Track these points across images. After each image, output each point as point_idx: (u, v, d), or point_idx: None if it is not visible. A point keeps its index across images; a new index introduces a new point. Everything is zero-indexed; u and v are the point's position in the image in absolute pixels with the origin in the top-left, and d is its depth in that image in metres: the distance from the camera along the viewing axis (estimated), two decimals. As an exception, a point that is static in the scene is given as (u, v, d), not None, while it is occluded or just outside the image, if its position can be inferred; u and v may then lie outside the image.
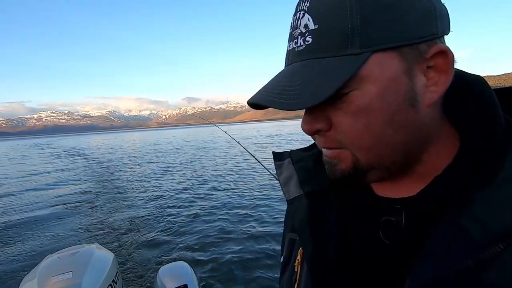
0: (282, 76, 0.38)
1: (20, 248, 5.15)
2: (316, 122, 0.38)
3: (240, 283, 3.70)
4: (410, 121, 0.36)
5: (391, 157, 0.38)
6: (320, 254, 0.46)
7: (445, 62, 0.35)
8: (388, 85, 0.34)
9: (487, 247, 0.31)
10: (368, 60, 0.33)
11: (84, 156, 24.16)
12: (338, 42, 0.34)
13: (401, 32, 0.33)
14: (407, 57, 0.34)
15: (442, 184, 0.38)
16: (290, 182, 0.54)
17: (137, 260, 4.41)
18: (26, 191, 10.42)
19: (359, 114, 0.35)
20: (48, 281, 1.86)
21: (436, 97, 0.36)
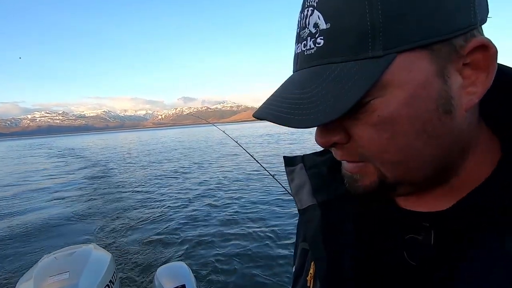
0: (291, 85, 0.33)
1: (16, 249, 5.12)
2: (333, 135, 0.33)
3: (238, 284, 3.69)
4: (445, 130, 0.31)
5: (422, 171, 0.33)
6: (334, 270, 0.41)
7: (485, 57, 0.29)
8: (417, 90, 0.29)
9: None
10: (393, 63, 0.28)
11: (80, 156, 24.01)
12: (355, 43, 0.29)
13: (432, 27, 0.28)
14: (440, 55, 0.29)
15: (480, 198, 0.32)
16: (302, 190, 0.49)
17: (135, 261, 4.39)
18: (22, 192, 10.34)
19: (382, 125, 0.30)
20: (45, 281, 1.84)
21: (475, 99, 0.30)
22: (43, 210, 7.62)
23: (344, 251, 0.41)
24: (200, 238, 5.08)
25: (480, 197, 0.32)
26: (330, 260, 0.41)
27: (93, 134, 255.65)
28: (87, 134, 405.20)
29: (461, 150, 0.33)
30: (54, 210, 7.51)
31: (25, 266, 4.22)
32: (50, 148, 37.75)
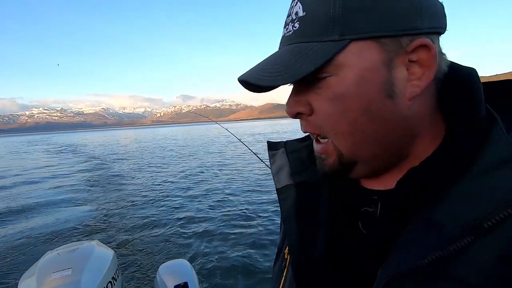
0: (269, 58, 0.40)
1: (19, 245, 5.14)
2: (298, 106, 0.40)
3: (240, 281, 3.70)
4: (387, 112, 0.36)
5: (370, 148, 0.39)
6: (304, 243, 0.47)
7: (428, 57, 0.35)
8: (364, 74, 0.35)
9: (457, 240, 0.31)
10: (347, 48, 0.35)
11: (81, 152, 24.05)
12: (320, 28, 0.35)
13: (383, 24, 0.34)
14: (387, 48, 0.35)
15: (416, 176, 0.37)
16: (281, 172, 0.55)
17: (137, 258, 4.40)
18: (24, 188, 10.38)
19: (335, 100, 0.37)
20: (47, 277, 1.84)
21: (418, 91, 0.36)
22: (45, 206, 7.64)
23: (315, 227, 0.47)
24: (203, 236, 5.09)
25: (415, 176, 0.38)
26: (300, 234, 0.47)
27: (92, 131, 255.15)
28: (86, 131, 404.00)
29: (409, 135, 0.38)
30: (56, 207, 7.53)
31: (27, 262, 4.19)
32: (49, 145, 37.84)
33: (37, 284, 1.79)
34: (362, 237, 0.42)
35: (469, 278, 0.30)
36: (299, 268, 0.46)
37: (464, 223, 0.31)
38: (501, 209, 0.30)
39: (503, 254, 0.29)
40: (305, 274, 0.45)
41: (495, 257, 0.29)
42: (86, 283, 1.84)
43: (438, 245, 0.32)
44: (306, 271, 0.45)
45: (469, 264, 0.30)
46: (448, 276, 0.31)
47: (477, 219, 0.30)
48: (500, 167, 0.32)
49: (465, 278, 0.30)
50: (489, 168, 0.33)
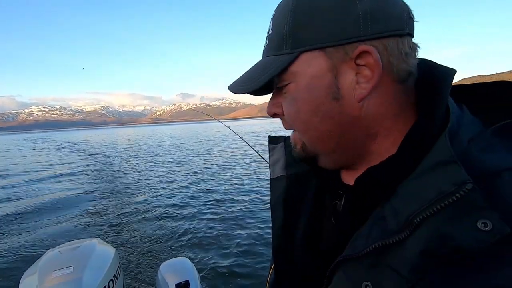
0: (250, 69, 0.48)
1: (21, 243, 5.15)
2: (274, 107, 0.48)
3: (242, 279, 3.70)
4: (336, 113, 0.41)
5: (327, 144, 0.44)
6: (287, 228, 0.52)
7: (370, 61, 0.38)
8: (312, 80, 0.41)
9: (396, 233, 0.34)
10: (298, 59, 0.41)
11: (82, 150, 24.06)
12: (278, 44, 0.42)
13: (325, 36, 0.38)
14: (332, 56, 0.39)
15: (372, 175, 0.41)
16: (277, 164, 0.60)
17: (139, 256, 4.41)
18: (26, 186, 10.38)
19: (291, 102, 0.44)
20: (49, 275, 1.84)
21: (365, 93, 0.39)
22: (48, 204, 7.65)
23: (299, 215, 0.52)
24: (205, 234, 5.09)
25: (371, 174, 0.41)
26: (286, 219, 0.53)
27: (91, 129, 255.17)
28: (85, 129, 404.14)
29: (364, 134, 0.42)
30: (57, 204, 7.54)
31: (29, 260, 4.19)
32: (49, 142, 37.68)
33: (38, 282, 1.78)
34: (332, 227, 0.48)
35: (401, 269, 0.33)
36: (277, 250, 0.52)
37: (401, 219, 0.34)
38: (427, 207, 0.32)
39: (424, 248, 0.32)
40: (281, 255, 0.51)
41: (419, 251, 0.32)
42: (87, 281, 1.84)
43: (380, 237, 0.35)
44: (283, 253, 0.51)
45: (402, 257, 0.33)
46: (386, 265, 0.35)
47: (410, 215, 0.33)
48: (435, 168, 0.34)
49: (398, 269, 0.33)
50: (427, 169, 0.35)
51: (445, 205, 0.31)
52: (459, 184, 0.31)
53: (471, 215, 0.30)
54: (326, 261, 0.44)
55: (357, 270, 0.37)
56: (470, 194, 0.30)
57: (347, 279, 0.38)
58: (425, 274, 0.32)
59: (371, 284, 0.35)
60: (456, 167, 0.32)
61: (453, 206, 0.31)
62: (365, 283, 0.35)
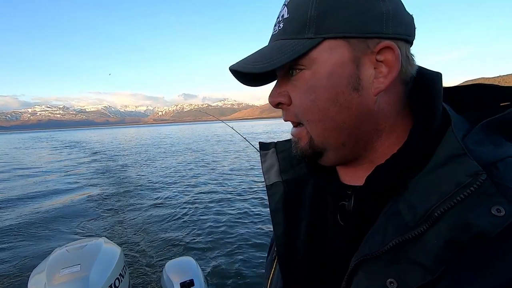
0: (256, 52, 0.46)
1: (29, 242, 5.24)
2: (278, 96, 0.45)
3: (246, 279, 3.73)
4: (354, 103, 0.41)
5: (338, 136, 0.43)
6: (289, 235, 0.51)
7: (392, 58, 0.39)
8: (335, 68, 0.40)
9: (414, 228, 0.35)
10: (320, 45, 0.40)
11: (88, 149, 24.21)
12: (299, 28, 0.41)
13: (352, 26, 0.39)
14: (355, 48, 0.40)
15: (381, 173, 0.41)
16: (271, 170, 0.59)
17: (144, 255, 4.46)
18: (33, 185, 10.50)
19: (308, 90, 0.42)
20: (57, 273, 1.87)
21: (382, 87, 0.40)
22: (55, 204, 7.75)
23: (299, 220, 0.51)
24: (209, 234, 5.13)
25: (381, 173, 0.41)
26: (287, 225, 0.52)
27: (94, 129, 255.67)
28: (88, 129, 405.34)
29: (374, 129, 0.43)
30: (64, 204, 7.64)
31: (37, 258, 4.28)
32: (55, 141, 37.78)
33: (47, 280, 1.82)
34: (340, 229, 0.46)
35: (424, 261, 0.34)
36: (283, 257, 0.50)
37: (418, 213, 0.35)
38: (447, 200, 0.34)
39: (447, 240, 0.33)
40: (288, 262, 0.50)
41: (441, 242, 0.33)
42: (94, 279, 1.87)
43: (398, 233, 0.36)
44: (290, 260, 0.49)
45: (423, 249, 0.34)
46: (407, 259, 0.35)
47: (429, 209, 0.34)
48: (448, 161, 0.36)
49: (420, 261, 0.34)
50: (440, 163, 0.36)
51: (464, 196, 0.33)
52: (473, 175, 0.33)
53: (486, 202, 0.32)
54: (337, 263, 0.43)
55: (377, 268, 0.37)
56: (485, 183, 0.33)
57: (369, 278, 0.37)
58: (448, 262, 0.33)
59: (395, 280, 0.35)
60: (467, 159, 0.34)
61: (471, 196, 0.33)
62: (390, 280, 0.35)
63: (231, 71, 0.46)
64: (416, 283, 0.34)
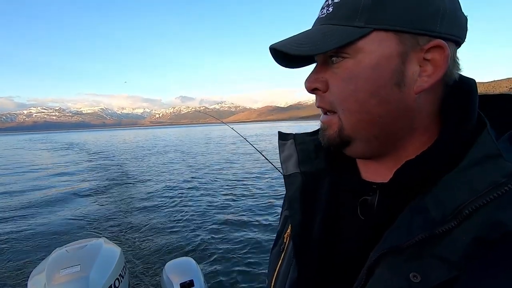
0: (301, 34, 0.44)
1: (29, 242, 5.23)
2: (316, 82, 0.44)
3: (246, 280, 3.72)
4: (393, 99, 0.40)
5: (372, 129, 0.42)
6: (305, 226, 0.51)
7: (441, 57, 0.39)
8: (380, 60, 0.39)
9: (442, 224, 0.35)
10: (369, 35, 0.39)
11: (85, 150, 24.16)
12: (349, 15, 0.40)
13: (404, 21, 0.38)
14: (405, 42, 0.39)
15: (412, 168, 0.41)
16: (289, 160, 0.59)
17: (144, 255, 4.46)
18: (32, 186, 10.50)
19: (349, 79, 0.41)
20: (56, 273, 1.87)
21: (425, 86, 0.40)
22: (55, 204, 7.74)
23: (316, 212, 0.51)
24: (210, 235, 5.13)
25: (411, 168, 0.41)
26: (303, 216, 0.51)
27: (91, 131, 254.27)
28: (84, 131, 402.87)
29: (409, 126, 0.42)
30: (64, 204, 7.63)
31: (37, 259, 4.32)
32: (52, 143, 37.79)
33: (46, 280, 1.81)
34: (360, 223, 0.46)
35: (450, 257, 0.34)
36: (299, 247, 0.50)
37: (447, 209, 0.35)
38: (478, 199, 0.34)
39: (476, 237, 0.33)
40: (304, 253, 0.49)
41: (471, 239, 0.33)
42: (94, 280, 1.86)
43: (425, 228, 0.35)
44: (305, 251, 0.49)
45: (451, 245, 0.34)
46: (432, 254, 0.35)
47: (458, 206, 0.35)
48: (483, 161, 0.36)
49: (446, 256, 0.34)
50: (474, 162, 0.37)
51: (498, 195, 0.33)
52: (509, 176, 0.34)
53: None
54: (354, 257, 0.43)
55: (401, 261, 0.37)
56: None
57: (391, 271, 0.37)
58: (474, 259, 0.33)
59: (418, 274, 0.35)
60: (502, 160, 0.35)
61: (505, 195, 0.33)
62: (413, 273, 0.35)
63: (272, 50, 0.45)
64: (440, 278, 0.34)
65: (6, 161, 19.45)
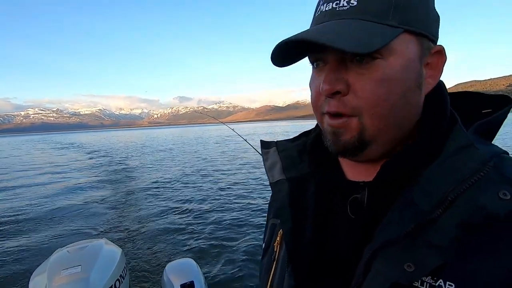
0: (328, 27, 0.39)
1: (31, 242, 5.24)
2: (338, 84, 0.40)
3: (246, 281, 3.73)
4: (414, 101, 0.42)
5: (394, 131, 0.42)
6: (297, 231, 0.51)
7: (439, 61, 0.43)
8: (409, 63, 0.40)
9: (429, 213, 0.36)
10: (399, 36, 0.38)
11: (89, 151, 24.17)
12: (381, 10, 0.38)
13: (425, 24, 0.40)
14: (422, 46, 0.40)
15: (395, 163, 0.43)
16: (274, 168, 0.59)
17: (145, 256, 4.47)
18: (33, 187, 10.50)
19: (383, 81, 0.39)
20: (57, 274, 1.87)
21: (430, 88, 0.43)
22: (56, 205, 7.75)
23: (305, 217, 0.51)
24: (210, 236, 5.13)
25: (390, 166, 0.43)
26: (294, 222, 0.51)
27: (90, 132, 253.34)
28: (82, 131, 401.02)
29: (413, 126, 0.44)
30: (66, 205, 7.63)
31: (39, 259, 4.28)
32: (53, 144, 37.61)
33: (47, 281, 1.82)
34: (351, 222, 0.46)
35: (440, 242, 0.35)
36: (293, 254, 0.50)
37: (434, 198, 0.37)
38: (459, 186, 0.36)
39: (461, 221, 0.35)
40: (298, 259, 0.49)
41: (457, 224, 0.35)
42: (94, 280, 1.87)
43: (414, 219, 0.37)
44: (299, 257, 0.49)
45: (439, 232, 0.36)
46: (423, 243, 0.36)
47: (444, 194, 0.37)
48: (459, 152, 0.39)
49: (436, 243, 0.36)
50: (452, 153, 0.39)
51: (475, 180, 0.36)
52: (482, 162, 0.37)
53: (494, 187, 0.35)
54: (347, 255, 0.44)
55: (394, 254, 0.38)
56: (491, 170, 0.36)
57: (386, 264, 0.38)
58: (463, 242, 0.35)
59: (412, 264, 0.36)
60: (475, 149, 0.38)
61: (481, 180, 0.36)
62: (407, 264, 0.36)
63: (290, 42, 0.39)
64: (432, 265, 0.35)
65: (6, 162, 19.38)
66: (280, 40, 0.40)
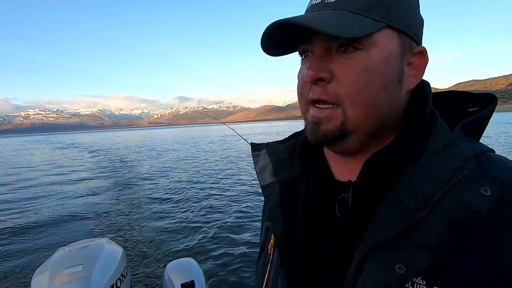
0: (315, 14, 0.42)
1: (33, 242, 5.27)
2: (322, 71, 0.42)
3: (246, 280, 3.73)
4: (396, 95, 0.43)
5: (375, 122, 0.43)
6: (289, 233, 0.51)
7: (421, 62, 0.44)
8: (390, 57, 0.41)
9: (416, 212, 0.37)
10: (382, 30, 0.41)
11: (91, 151, 24.20)
12: (366, 5, 0.41)
13: (406, 23, 0.42)
14: (404, 43, 0.43)
15: (377, 160, 0.44)
16: (265, 171, 0.59)
17: (146, 256, 4.48)
18: (35, 187, 10.56)
19: (364, 72, 0.41)
20: (59, 273, 1.88)
21: (412, 86, 0.45)
22: (58, 204, 7.79)
23: (297, 219, 0.52)
24: (211, 236, 5.14)
25: (378, 157, 0.44)
26: (286, 225, 0.52)
27: (90, 132, 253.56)
28: (83, 132, 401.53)
29: (393, 122, 0.45)
30: (68, 205, 7.68)
31: (40, 258, 4.36)
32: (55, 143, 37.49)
33: (49, 280, 1.83)
34: (339, 221, 0.47)
35: (429, 242, 0.36)
36: (286, 256, 0.50)
37: (420, 198, 0.38)
38: (445, 184, 0.37)
39: (449, 220, 0.36)
40: (291, 261, 0.50)
41: (444, 223, 0.36)
42: (96, 279, 1.88)
43: (402, 219, 0.37)
44: (292, 259, 0.50)
45: (427, 232, 0.36)
46: (412, 243, 0.37)
47: (429, 193, 0.37)
48: (442, 150, 0.40)
49: (425, 243, 0.36)
50: (434, 152, 0.40)
51: (460, 178, 0.37)
52: (465, 161, 0.38)
53: (477, 184, 0.36)
54: (339, 257, 0.44)
55: (385, 256, 0.38)
56: (474, 168, 0.37)
57: (377, 266, 0.38)
58: (451, 242, 0.35)
59: (403, 265, 0.36)
60: (457, 147, 0.39)
61: (465, 179, 0.37)
62: (398, 265, 0.36)
63: (280, 25, 0.40)
64: (422, 265, 0.35)
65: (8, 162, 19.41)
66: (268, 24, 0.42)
